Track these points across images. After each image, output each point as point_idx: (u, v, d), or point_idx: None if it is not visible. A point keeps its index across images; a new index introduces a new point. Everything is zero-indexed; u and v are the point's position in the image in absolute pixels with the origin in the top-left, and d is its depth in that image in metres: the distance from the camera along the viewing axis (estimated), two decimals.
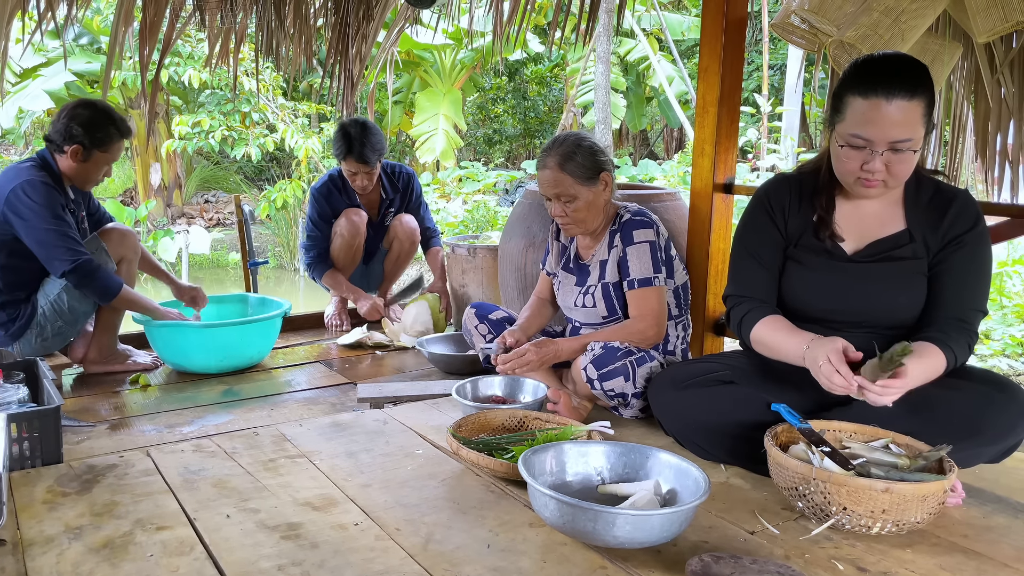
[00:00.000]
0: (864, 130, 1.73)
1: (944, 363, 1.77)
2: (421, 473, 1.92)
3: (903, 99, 1.70)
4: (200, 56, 8.88)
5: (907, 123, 1.71)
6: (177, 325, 2.87)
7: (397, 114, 12.16)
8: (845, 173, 1.83)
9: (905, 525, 1.56)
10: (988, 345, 4.66)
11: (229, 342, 2.89)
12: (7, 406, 2.02)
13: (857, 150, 1.77)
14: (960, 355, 1.79)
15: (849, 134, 1.76)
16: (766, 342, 1.93)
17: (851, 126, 1.76)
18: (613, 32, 10.03)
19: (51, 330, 2.74)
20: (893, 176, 1.77)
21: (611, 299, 2.41)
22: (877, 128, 1.72)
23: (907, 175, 1.79)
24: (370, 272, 3.85)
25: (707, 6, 2.66)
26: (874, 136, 1.73)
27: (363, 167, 3.43)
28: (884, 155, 1.74)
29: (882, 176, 1.77)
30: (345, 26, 3.71)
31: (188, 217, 11.35)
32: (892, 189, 1.84)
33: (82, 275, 2.63)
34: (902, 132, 1.71)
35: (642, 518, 1.46)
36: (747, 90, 12.28)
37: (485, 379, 2.45)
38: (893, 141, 1.72)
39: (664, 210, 2.86)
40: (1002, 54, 2.48)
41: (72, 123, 2.65)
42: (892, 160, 1.74)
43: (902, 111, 1.70)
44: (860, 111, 1.73)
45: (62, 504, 1.74)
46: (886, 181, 1.78)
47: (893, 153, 1.73)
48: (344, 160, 3.43)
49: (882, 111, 1.70)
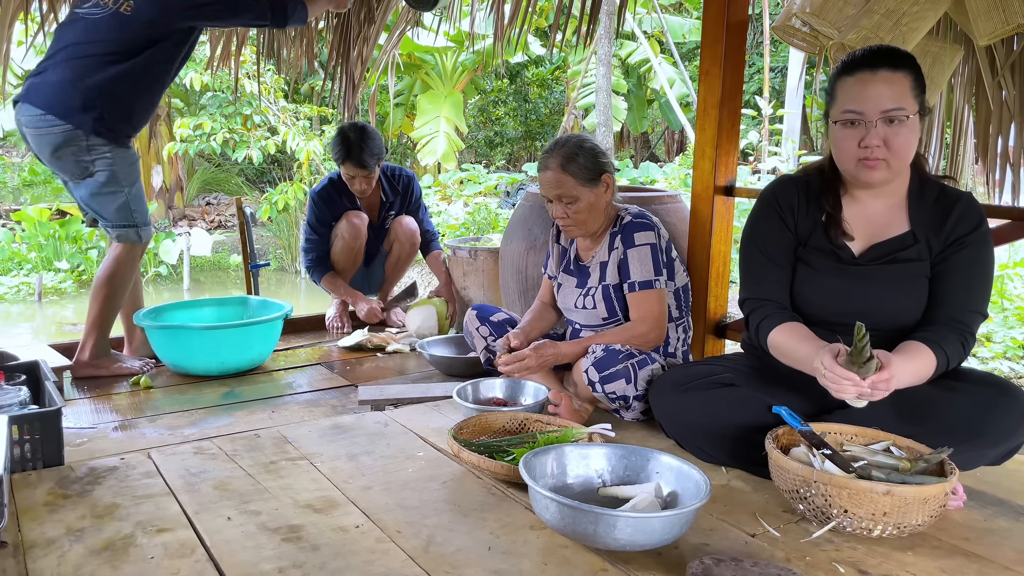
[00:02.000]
0: (855, 103, 1.78)
1: (934, 363, 1.76)
2: (422, 475, 1.92)
3: (888, 71, 1.76)
4: (202, 58, 8.89)
5: (895, 93, 1.75)
6: (178, 327, 2.87)
7: (398, 116, 12.17)
8: (845, 158, 1.84)
9: (906, 528, 1.56)
10: (989, 348, 4.66)
11: (230, 344, 2.88)
12: (8, 408, 2.02)
13: (852, 127, 1.80)
14: (953, 356, 1.79)
15: (841, 111, 1.81)
16: (781, 349, 1.92)
17: (842, 104, 1.81)
18: (614, 34, 10.04)
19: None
20: (893, 152, 1.78)
21: (611, 301, 2.41)
22: (866, 99, 1.77)
23: (907, 153, 1.80)
24: (371, 275, 3.85)
25: (708, 9, 2.66)
26: (864, 107, 1.77)
27: (361, 171, 3.44)
28: (879, 128, 1.77)
29: (882, 153, 1.78)
30: (346, 28, 3.71)
31: (189, 219, 11.36)
32: (895, 172, 1.83)
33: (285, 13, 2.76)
34: (892, 101, 1.75)
35: (643, 521, 1.46)
36: (748, 92, 12.28)
37: (486, 381, 2.45)
38: (885, 110, 1.75)
39: (665, 212, 2.87)
40: (1003, 57, 2.48)
41: None
42: (888, 133, 1.77)
43: (888, 82, 1.76)
44: (849, 88, 1.80)
45: (63, 506, 1.74)
46: (888, 160, 1.79)
47: (888, 125, 1.76)
48: (343, 164, 3.44)
49: (869, 83, 1.77)
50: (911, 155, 1.82)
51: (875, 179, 1.84)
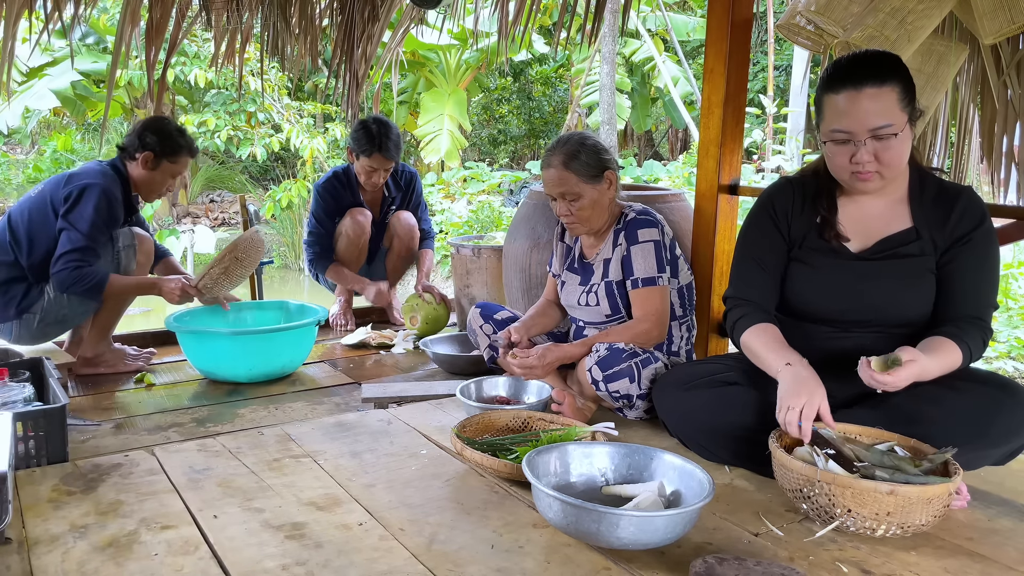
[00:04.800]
0: (842, 123, 1.77)
1: (959, 358, 1.77)
2: (425, 473, 1.92)
3: (874, 87, 1.74)
4: (206, 56, 8.90)
5: (882, 109, 1.74)
6: (208, 333, 2.78)
7: (402, 114, 12.16)
8: (838, 170, 1.86)
9: (910, 528, 1.56)
10: (994, 347, 4.65)
11: (261, 350, 2.77)
12: (13, 405, 2.02)
13: (842, 145, 1.80)
14: (975, 351, 1.80)
15: (830, 130, 1.80)
16: (752, 350, 1.94)
17: (831, 122, 1.80)
18: (618, 33, 10.03)
19: (53, 316, 2.75)
20: (884, 165, 1.79)
21: (614, 298, 2.41)
22: (853, 118, 1.76)
23: (899, 163, 1.81)
24: (373, 271, 3.85)
25: (712, 7, 2.65)
26: (852, 127, 1.76)
27: (387, 163, 3.45)
28: (868, 144, 1.77)
29: (873, 167, 1.79)
30: (350, 26, 3.71)
31: (193, 216, 11.38)
32: (889, 180, 1.84)
33: (67, 282, 2.62)
34: (879, 119, 1.74)
35: (646, 519, 1.46)
36: (752, 91, 12.27)
37: (489, 380, 2.45)
38: (872, 128, 1.75)
39: (669, 211, 2.86)
40: (1008, 56, 2.47)
41: (146, 132, 2.79)
42: (878, 148, 1.77)
43: (875, 99, 1.74)
44: (835, 106, 1.79)
45: (67, 503, 1.74)
46: (879, 172, 1.80)
47: (877, 141, 1.76)
48: (369, 157, 3.43)
49: (855, 102, 1.75)
50: (904, 162, 1.83)
51: (870, 188, 1.86)
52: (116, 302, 2.83)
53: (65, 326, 2.85)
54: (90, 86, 9.82)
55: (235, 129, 9.31)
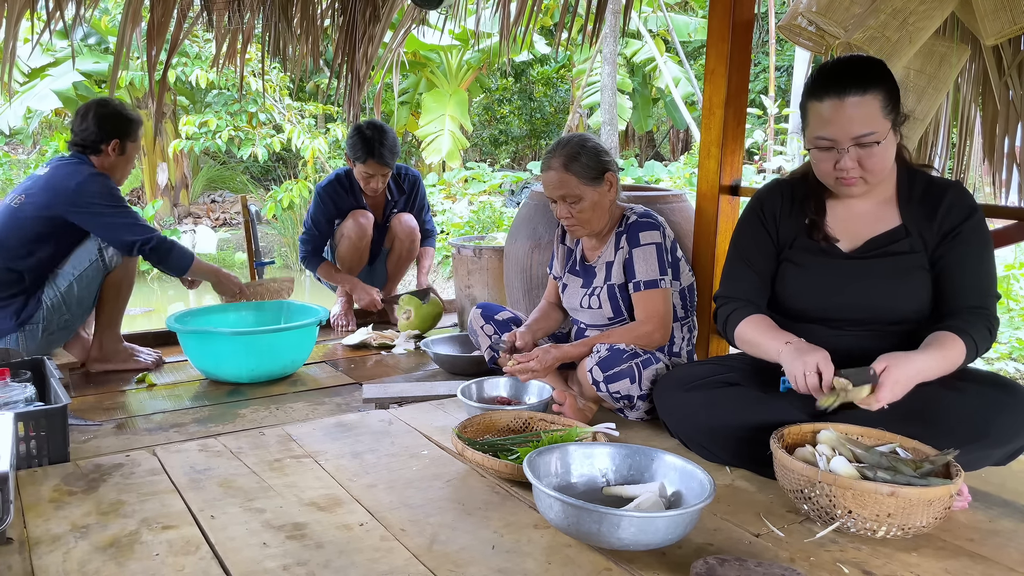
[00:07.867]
0: (825, 131, 1.79)
1: (963, 352, 1.77)
2: (426, 474, 1.92)
3: (856, 95, 1.75)
4: (207, 56, 8.91)
5: (865, 117, 1.76)
6: (209, 333, 2.78)
7: (403, 115, 12.16)
8: (823, 175, 1.88)
9: (911, 529, 1.56)
10: (995, 348, 4.64)
11: (262, 350, 2.77)
12: (14, 405, 2.02)
13: (826, 152, 1.82)
14: (982, 342, 1.80)
15: (814, 138, 1.83)
16: (748, 339, 1.97)
17: (814, 130, 1.82)
18: (619, 33, 10.02)
19: (56, 323, 2.76)
20: (868, 171, 1.80)
21: (616, 300, 2.41)
22: (836, 127, 1.77)
23: (883, 168, 1.82)
24: (374, 273, 3.85)
25: (714, 8, 2.66)
26: (835, 135, 1.78)
27: (383, 169, 3.44)
28: (852, 152, 1.78)
29: (857, 173, 1.81)
30: (352, 27, 3.71)
31: (195, 217, 11.37)
32: (873, 185, 1.86)
33: (163, 250, 2.79)
34: (861, 127, 1.76)
35: (647, 520, 1.46)
36: (753, 92, 12.26)
37: (490, 380, 2.45)
38: (856, 136, 1.77)
39: (670, 212, 2.86)
40: (1010, 56, 2.47)
41: (104, 122, 2.79)
42: (861, 155, 1.79)
43: (857, 107, 1.75)
44: (818, 114, 1.81)
45: (69, 503, 1.74)
46: (864, 177, 1.82)
47: (860, 148, 1.78)
48: (364, 163, 3.42)
49: (838, 110, 1.77)
50: (888, 167, 1.85)
51: (855, 193, 1.88)
52: (116, 295, 2.84)
53: (70, 331, 2.85)
54: (92, 87, 9.82)
55: (236, 129, 9.31)
